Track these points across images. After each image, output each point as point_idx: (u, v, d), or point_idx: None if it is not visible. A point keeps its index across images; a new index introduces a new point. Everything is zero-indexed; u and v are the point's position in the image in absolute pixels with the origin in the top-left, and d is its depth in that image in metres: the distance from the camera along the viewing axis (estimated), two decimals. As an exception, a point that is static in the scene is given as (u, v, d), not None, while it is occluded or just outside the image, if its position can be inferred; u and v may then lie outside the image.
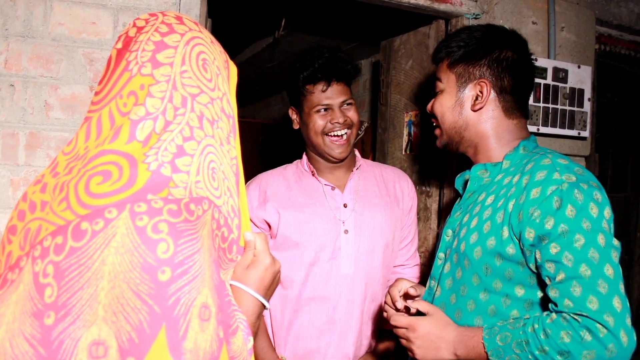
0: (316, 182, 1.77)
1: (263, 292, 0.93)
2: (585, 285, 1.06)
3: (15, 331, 0.67)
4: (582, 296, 1.06)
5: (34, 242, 0.72)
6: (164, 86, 0.82)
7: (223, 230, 0.84)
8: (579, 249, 1.09)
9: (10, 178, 1.59)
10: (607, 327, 1.03)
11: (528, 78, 1.39)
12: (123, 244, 0.68)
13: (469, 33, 1.37)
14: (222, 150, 0.87)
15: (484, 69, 1.33)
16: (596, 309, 1.04)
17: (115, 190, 0.72)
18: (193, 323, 0.70)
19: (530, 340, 1.09)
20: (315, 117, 1.70)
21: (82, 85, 1.65)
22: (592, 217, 1.10)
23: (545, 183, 1.15)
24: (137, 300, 0.67)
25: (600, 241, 1.09)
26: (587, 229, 1.09)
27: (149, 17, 0.90)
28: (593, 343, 1.04)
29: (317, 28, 3.45)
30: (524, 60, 1.36)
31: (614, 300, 1.05)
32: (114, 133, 0.78)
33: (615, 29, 2.56)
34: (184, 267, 0.70)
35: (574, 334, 1.05)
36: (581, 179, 1.14)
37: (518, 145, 1.32)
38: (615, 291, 1.06)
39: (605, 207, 1.13)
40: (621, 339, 1.03)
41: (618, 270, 1.09)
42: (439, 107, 1.40)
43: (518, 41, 1.37)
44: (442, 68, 1.40)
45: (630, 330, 1.05)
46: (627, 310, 1.06)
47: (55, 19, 1.62)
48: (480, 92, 1.33)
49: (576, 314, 1.06)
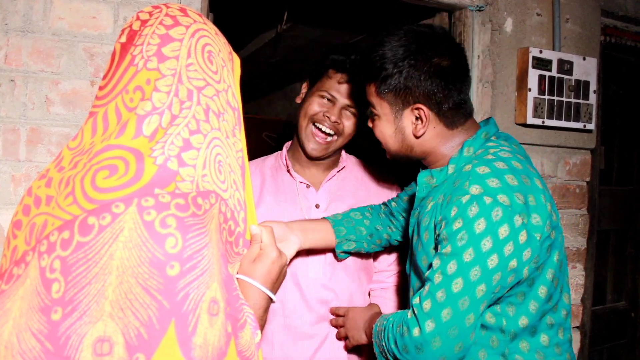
0: (290, 179, 1.69)
1: (270, 285, 0.93)
2: (430, 289, 1.13)
3: (22, 326, 0.67)
4: (424, 297, 1.14)
5: (40, 237, 0.71)
6: (170, 80, 0.81)
7: (230, 223, 0.83)
8: (444, 257, 1.13)
9: (11, 174, 1.57)
10: (423, 330, 1.11)
11: (461, 77, 1.27)
12: (131, 238, 0.67)
13: (391, 48, 1.24)
14: (228, 143, 0.86)
15: (417, 94, 1.23)
16: (426, 311, 1.12)
17: (122, 185, 0.71)
18: (202, 318, 0.69)
19: (387, 328, 1.23)
20: (315, 99, 1.63)
21: (82, 80, 1.63)
22: (472, 233, 1.09)
23: (455, 191, 1.16)
24: (146, 295, 0.66)
25: (465, 257, 1.09)
26: (459, 243, 1.11)
27: (152, 9, 0.89)
28: (407, 339, 1.14)
29: (319, 21, 3.43)
30: (453, 61, 1.25)
31: (444, 311, 1.10)
32: (121, 128, 0.77)
33: (621, 20, 2.53)
34: (193, 262, 0.70)
35: (401, 328, 1.17)
36: (488, 192, 1.10)
37: (462, 148, 1.26)
38: (450, 303, 1.10)
39: (502, 225, 1.09)
40: (432, 344, 1.11)
41: (470, 287, 1.09)
42: (379, 134, 1.34)
43: (441, 40, 1.27)
44: (371, 92, 1.31)
45: (448, 341, 1.10)
46: (456, 323, 1.10)
47: (55, 14, 1.60)
48: (418, 116, 1.25)
49: (413, 311, 1.16)
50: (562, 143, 2.30)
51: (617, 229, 2.77)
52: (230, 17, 3.32)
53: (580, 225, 2.44)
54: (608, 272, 2.79)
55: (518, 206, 1.11)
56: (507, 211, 1.09)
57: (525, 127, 2.19)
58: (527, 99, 2.13)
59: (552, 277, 1.18)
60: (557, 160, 2.35)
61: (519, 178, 1.15)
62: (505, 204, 1.10)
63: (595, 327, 2.57)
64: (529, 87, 2.13)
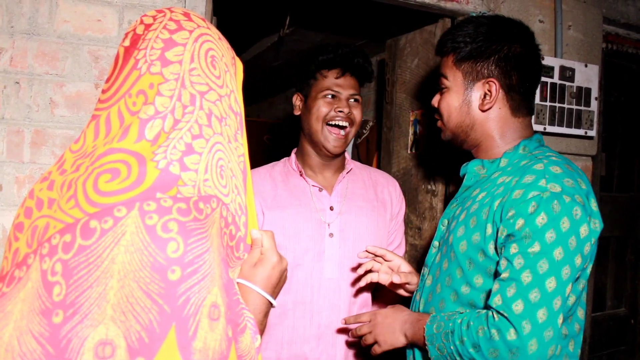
0: (303, 183, 1.73)
1: (270, 290, 0.93)
2: (519, 289, 1.08)
3: (23, 329, 0.67)
4: (511, 298, 1.08)
5: (42, 239, 0.72)
6: (173, 84, 0.82)
7: (231, 228, 0.83)
8: (531, 256, 1.09)
9: (15, 175, 1.58)
10: (520, 332, 1.06)
11: (536, 73, 1.35)
12: (133, 242, 0.68)
13: (475, 26, 1.32)
14: (230, 148, 0.87)
15: (492, 67, 1.29)
16: (518, 313, 1.07)
17: (124, 189, 0.71)
18: (203, 322, 0.70)
19: (455, 330, 1.15)
20: (320, 102, 1.67)
21: (87, 83, 1.65)
22: (559, 230, 1.08)
23: (529, 187, 1.14)
24: (147, 299, 0.67)
25: (557, 255, 1.08)
26: (549, 240, 1.08)
27: (156, 13, 0.89)
28: (499, 343, 1.07)
29: (322, 26, 3.44)
30: (531, 54, 1.32)
31: (539, 311, 1.06)
32: (123, 132, 0.77)
33: (623, 28, 2.54)
34: (194, 267, 0.70)
35: (486, 330, 1.10)
36: (567, 191, 1.11)
37: (519, 144, 1.30)
38: (546, 303, 1.06)
39: (582, 225, 1.10)
40: (528, 347, 1.05)
41: (562, 286, 1.07)
42: (445, 106, 1.37)
43: (525, 34, 1.33)
44: (447, 64, 1.36)
45: (544, 344, 1.06)
46: (551, 324, 1.06)
47: (61, 16, 1.62)
48: (488, 91, 1.29)
49: (499, 312, 1.10)
50: (563, 149, 2.31)
51: (617, 236, 2.77)
52: (234, 21, 3.33)
53: (581, 232, 2.44)
54: (608, 278, 2.79)
55: (590, 209, 1.13)
56: (584, 212, 1.11)
57: (526, 133, 2.20)
58: (529, 106, 2.13)
59: (582, 287, 1.18)
60: (558, 166, 2.36)
61: (586, 182, 1.18)
62: (581, 204, 1.11)
63: (595, 334, 2.57)
64: (531, 94, 2.13)
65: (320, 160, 1.74)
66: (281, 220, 1.64)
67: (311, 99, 1.69)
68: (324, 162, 1.74)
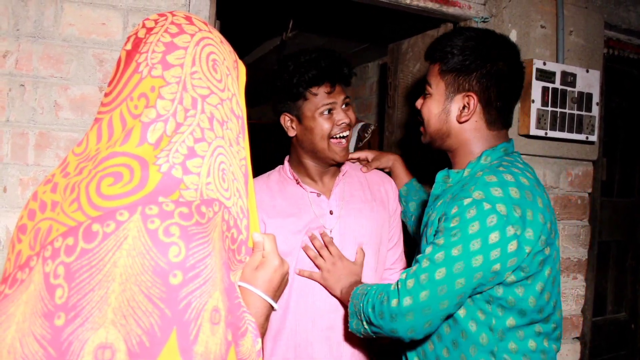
0: (301, 191, 1.73)
1: (272, 293, 0.93)
2: (416, 271, 1.25)
3: (25, 331, 0.67)
4: (410, 275, 1.26)
5: (45, 242, 0.72)
6: (174, 88, 0.82)
7: (232, 231, 0.84)
8: (436, 247, 1.25)
9: (19, 177, 1.59)
10: (401, 303, 1.24)
11: (516, 90, 1.42)
12: (135, 246, 0.68)
13: (464, 39, 1.38)
14: (232, 151, 0.87)
15: (474, 82, 1.36)
16: (408, 288, 1.25)
17: (127, 192, 0.72)
18: (204, 327, 0.70)
19: (368, 293, 1.36)
20: (320, 120, 1.64)
21: (91, 86, 1.66)
22: (466, 232, 1.21)
23: (461, 193, 1.27)
24: (148, 303, 0.67)
25: (454, 252, 1.21)
26: (452, 238, 1.22)
27: (158, 17, 0.89)
28: (385, 307, 1.27)
29: (325, 30, 3.45)
30: (514, 72, 1.38)
31: (422, 292, 1.22)
32: (125, 135, 0.78)
33: (624, 33, 2.55)
34: (196, 271, 0.70)
35: (382, 296, 1.29)
36: (489, 200, 1.21)
37: (481, 155, 1.37)
38: (430, 287, 1.22)
39: (494, 231, 1.19)
40: (405, 317, 1.24)
41: (450, 278, 1.21)
42: (426, 111, 1.45)
43: (511, 52, 1.39)
44: (433, 72, 1.43)
45: (420, 318, 1.23)
46: (430, 305, 1.22)
47: (66, 20, 1.63)
48: (467, 104, 1.37)
49: (397, 285, 1.28)
50: (564, 154, 2.31)
51: (618, 241, 2.77)
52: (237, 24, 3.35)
53: (582, 236, 2.45)
54: (608, 283, 2.79)
55: (513, 218, 1.21)
56: (501, 220, 1.20)
57: (528, 138, 2.20)
58: (531, 110, 2.14)
59: (541, 289, 1.27)
60: (559, 171, 2.36)
61: (522, 192, 1.24)
62: (502, 213, 1.20)
63: (595, 338, 2.57)
64: (533, 99, 2.14)
65: (320, 168, 1.74)
66: (283, 228, 1.65)
67: (308, 119, 1.65)
68: (324, 169, 1.74)
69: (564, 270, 2.40)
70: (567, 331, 2.43)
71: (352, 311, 1.41)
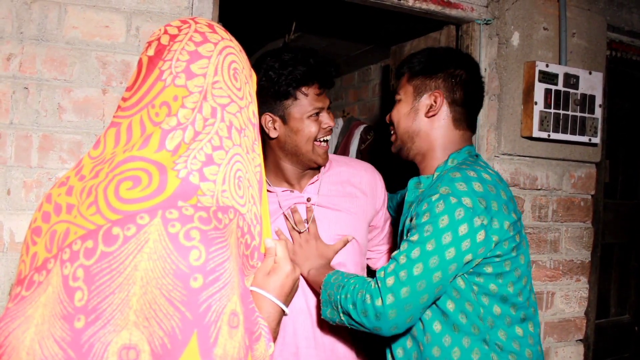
0: (272, 199, 1.66)
1: (283, 298, 0.94)
2: (395, 268, 1.30)
3: (44, 333, 0.68)
4: (388, 273, 1.30)
5: (62, 244, 0.72)
6: (196, 97, 0.83)
7: (246, 237, 0.84)
8: (411, 243, 1.30)
9: (23, 180, 1.58)
10: (385, 301, 1.27)
11: (477, 95, 1.52)
12: (156, 250, 0.68)
13: (428, 53, 1.52)
14: (248, 159, 0.88)
15: (439, 82, 1.47)
16: (388, 286, 1.28)
17: (146, 196, 0.72)
18: (223, 330, 0.70)
19: (346, 286, 1.37)
20: (307, 122, 1.58)
21: (95, 89, 1.65)
22: (437, 226, 1.27)
23: (429, 191, 1.35)
24: (169, 306, 0.67)
25: (428, 246, 1.27)
26: (425, 234, 1.28)
27: (180, 24, 0.90)
28: (369, 306, 1.30)
29: (327, 31, 3.46)
30: (475, 80, 1.50)
31: (403, 289, 1.27)
32: (144, 140, 0.78)
33: (627, 35, 2.56)
34: (216, 275, 0.71)
35: (364, 294, 1.32)
36: (455, 194, 1.29)
37: (447, 158, 1.44)
38: (410, 283, 1.27)
39: (462, 224, 1.26)
40: (389, 314, 1.27)
41: (428, 273, 1.27)
42: (395, 114, 1.53)
43: (471, 63, 1.53)
44: (401, 82, 1.54)
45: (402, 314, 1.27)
46: (412, 301, 1.27)
47: (69, 23, 1.62)
48: (434, 101, 1.46)
49: (376, 283, 1.32)
50: (567, 156, 2.32)
51: (621, 243, 2.78)
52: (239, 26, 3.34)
53: (585, 239, 2.45)
54: (612, 285, 2.80)
55: (479, 209, 1.28)
56: (468, 212, 1.27)
57: (531, 140, 2.21)
58: (533, 113, 2.15)
59: (519, 274, 1.36)
60: (562, 173, 2.37)
61: (485, 186, 1.33)
62: (467, 205, 1.28)
63: (598, 340, 2.57)
64: (535, 101, 2.15)
65: (299, 171, 1.68)
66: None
67: (295, 120, 1.58)
68: (303, 172, 1.69)
69: (567, 272, 2.40)
70: (570, 333, 2.43)
71: (326, 299, 1.43)
